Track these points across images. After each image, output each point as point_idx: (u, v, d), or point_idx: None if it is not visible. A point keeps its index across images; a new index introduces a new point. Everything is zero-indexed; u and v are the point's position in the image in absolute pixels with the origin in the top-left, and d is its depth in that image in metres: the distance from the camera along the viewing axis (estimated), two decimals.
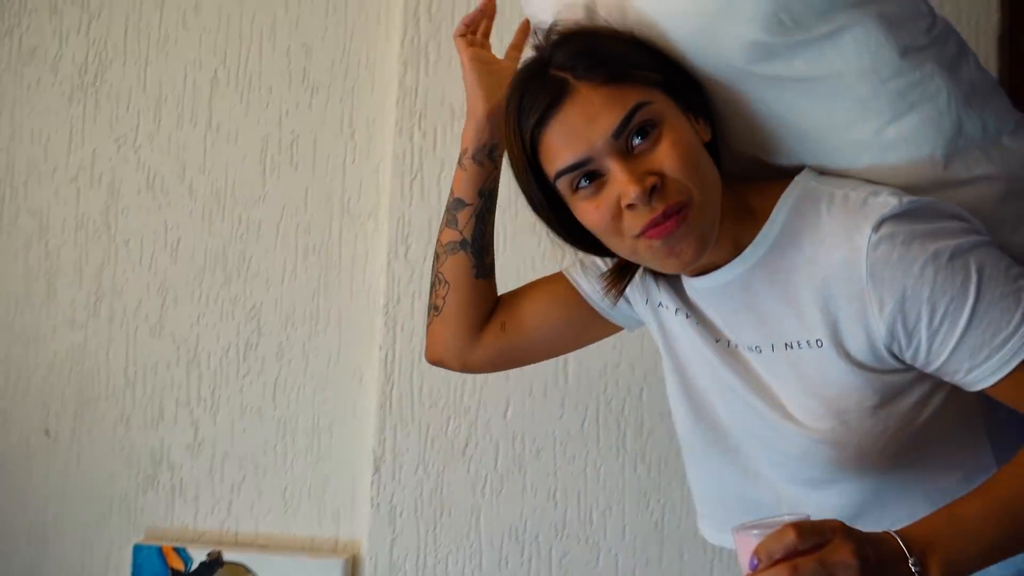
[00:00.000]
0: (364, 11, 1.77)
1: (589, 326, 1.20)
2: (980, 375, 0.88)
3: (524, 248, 1.60)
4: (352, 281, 1.74)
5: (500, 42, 1.17)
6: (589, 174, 0.92)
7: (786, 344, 0.98)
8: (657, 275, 1.08)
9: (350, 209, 1.75)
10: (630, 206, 0.89)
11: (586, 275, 1.16)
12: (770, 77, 0.94)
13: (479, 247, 1.16)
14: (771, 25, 0.90)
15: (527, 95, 0.94)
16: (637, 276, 1.09)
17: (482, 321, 1.18)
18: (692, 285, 1.04)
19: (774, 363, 0.99)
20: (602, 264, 1.14)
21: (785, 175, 0.99)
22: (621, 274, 1.08)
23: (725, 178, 0.97)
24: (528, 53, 1.00)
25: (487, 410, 1.63)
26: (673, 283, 1.08)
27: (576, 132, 0.91)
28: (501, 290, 1.20)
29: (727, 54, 0.94)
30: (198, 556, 1.68)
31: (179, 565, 1.68)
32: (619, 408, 1.60)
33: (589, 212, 0.93)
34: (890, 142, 0.95)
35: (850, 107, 0.94)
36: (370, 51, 1.76)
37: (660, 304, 1.10)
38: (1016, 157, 0.97)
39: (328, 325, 1.74)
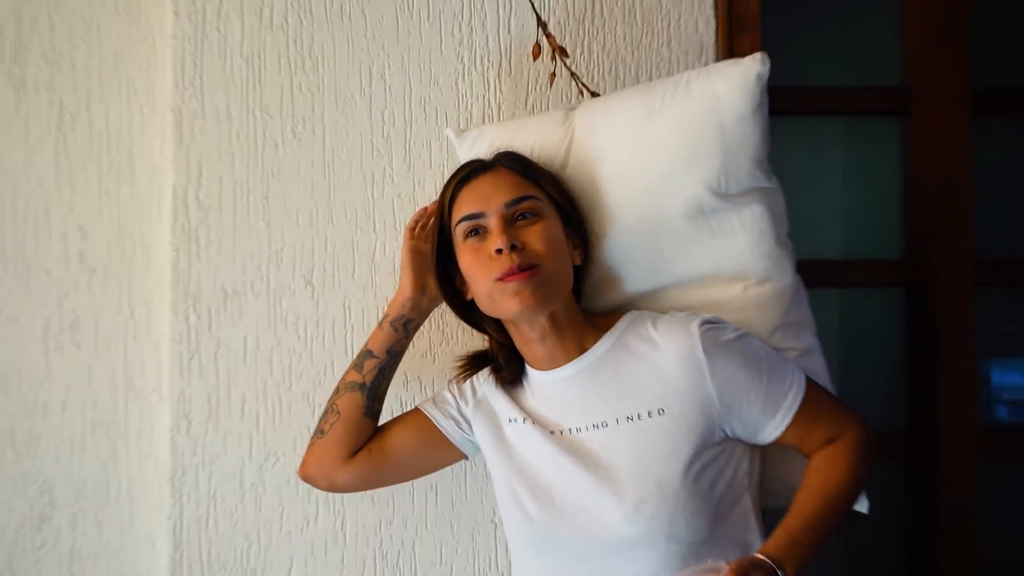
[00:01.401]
0: (137, 193, 1.85)
1: (439, 450, 1.51)
2: (779, 421, 1.29)
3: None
4: (140, 453, 1.84)
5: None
6: (479, 228, 1.33)
7: (628, 416, 1.30)
8: (503, 387, 1.44)
9: (134, 385, 1.84)
10: (498, 251, 1.28)
11: (437, 407, 1.51)
12: (688, 228, 1.39)
13: (374, 393, 1.49)
14: (712, 185, 1.36)
15: (466, 165, 1.42)
16: (485, 393, 1.47)
17: (356, 450, 1.49)
18: (541, 380, 1.39)
19: (613, 437, 1.30)
20: (449, 398, 1.51)
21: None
22: (475, 361, 1.50)
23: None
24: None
25: (272, 570, 1.76)
26: (514, 396, 1.43)
27: (484, 193, 1.34)
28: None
29: (670, 203, 1.39)
30: None
31: None
32: (394, 560, 1.76)
33: (469, 255, 1.34)
34: (748, 301, 1.41)
35: (733, 264, 1.40)
36: (144, 232, 1.84)
37: (509, 420, 1.42)
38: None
39: (119, 495, 1.83)
